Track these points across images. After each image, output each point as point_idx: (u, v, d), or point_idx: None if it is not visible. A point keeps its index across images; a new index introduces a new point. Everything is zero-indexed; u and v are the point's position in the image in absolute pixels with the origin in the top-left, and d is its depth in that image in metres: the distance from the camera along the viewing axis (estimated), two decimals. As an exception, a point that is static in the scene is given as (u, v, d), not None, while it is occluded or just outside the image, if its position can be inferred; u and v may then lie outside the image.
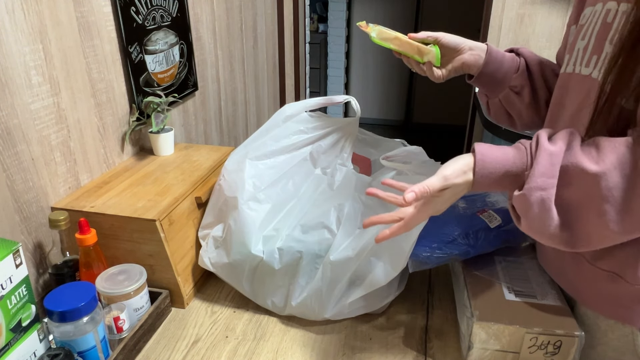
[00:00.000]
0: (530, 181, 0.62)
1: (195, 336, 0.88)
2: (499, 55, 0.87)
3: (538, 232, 0.65)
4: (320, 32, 4.51)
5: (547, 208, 0.62)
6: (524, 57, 0.88)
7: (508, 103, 0.92)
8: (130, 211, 0.91)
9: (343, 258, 0.86)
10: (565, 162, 0.62)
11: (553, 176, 0.62)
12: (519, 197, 0.64)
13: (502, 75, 0.88)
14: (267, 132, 0.99)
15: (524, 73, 0.88)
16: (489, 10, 2.40)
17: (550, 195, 0.62)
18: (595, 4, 0.71)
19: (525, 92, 0.89)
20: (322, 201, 0.93)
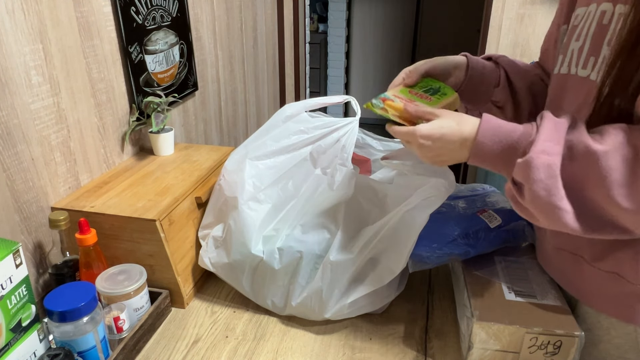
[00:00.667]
0: (536, 145, 0.60)
1: (195, 336, 0.88)
2: (479, 67, 0.85)
3: (543, 205, 0.61)
4: (320, 32, 4.51)
5: (554, 175, 0.59)
6: (504, 68, 0.87)
7: None
8: (130, 211, 0.91)
9: (343, 258, 0.86)
10: (570, 137, 0.61)
11: (558, 143, 0.60)
12: (523, 163, 0.61)
13: (484, 89, 0.86)
14: (267, 132, 0.99)
15: (505, 87, 0.86)
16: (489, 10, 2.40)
17: (556, 162, 0.60)
18: (589, 5, 0.71)
19: (508, 107, 0.88)
20: (322, 201, 0.93)
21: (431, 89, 0.81)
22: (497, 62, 0.88)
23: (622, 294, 0.70)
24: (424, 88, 0.81)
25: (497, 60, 0.88)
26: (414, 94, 0.79)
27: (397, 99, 0.76)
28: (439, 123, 0.67)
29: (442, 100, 0.78)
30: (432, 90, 0.80)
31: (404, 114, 0.73)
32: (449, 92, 0.81)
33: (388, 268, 0.83)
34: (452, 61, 0.85)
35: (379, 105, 0.75)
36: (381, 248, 0.84)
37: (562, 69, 0.75)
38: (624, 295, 0.70)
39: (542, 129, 0.62)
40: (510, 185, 0.66)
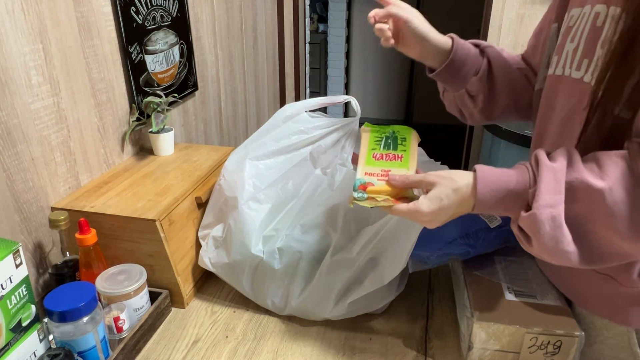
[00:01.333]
0: (538, 199, 0.60)
1: (195, 336, 0.88)
2: (463, 53, 0.83)
3: (551, 252, 0.62)
4: (320, 32, 4.51)
5: (559, 225, 0.60)
6: (489, 59, 0.85)
7: (461, 103, 0.90)
8: (130, 211, 0.91)
9: (343, 258, 0.86)
10: (570, 178, 0.60)
11: (559, 192, 0.60)
12: (528, 218, 0.61)
13: (462, 75, 0.85)
14: (267, 132, 0.99)
15: (482, 78, 0.85)
16: (489, 10, 2.40)
17: (560, 212, 0.60)
18: (584, 6, 0.70)
19: (479, 99, 0.87)
20: (322, 201, 0.93)
21: (386, 138, 0.78)
22: (483, 51, 0.86)
23: (615, 296, 0.70)
24: (378, 140, 0.77)
25: (483, 49, 0.86)
26: (379, 159, 0.75)
27: (374, 179, 0.72)
28: (436, 194, 0.66)
29: (409, 152, 0.75)
30: (389, 141, 0.77)
31: (392, 192, 0.70)
32: (405, 134, 0.78)
33: (388, 268, 0.83)
34: (435, 37, 0.81)
35: (363, 197, 0.70)
36: (381, 248, 0.84)
37: (556, 70, 0.74)
38: (617, 297, 0.70)
39: (541, 180, 0.61)
40: (516, 231, 0.66)
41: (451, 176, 0.66)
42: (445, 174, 0.67)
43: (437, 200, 0.65)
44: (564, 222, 0.60)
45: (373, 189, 0.71)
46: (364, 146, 0.77)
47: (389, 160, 0.75)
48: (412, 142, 0.77)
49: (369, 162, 0.75)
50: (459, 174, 0.67)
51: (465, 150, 2.78)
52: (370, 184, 0.71)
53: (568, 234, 0.60)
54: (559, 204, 0.60)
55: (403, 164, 0.74)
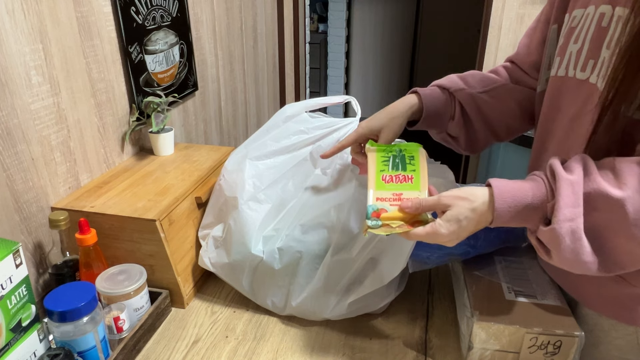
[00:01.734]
0: (558, 214, 0.60)
1: (195, 336, 0.88)
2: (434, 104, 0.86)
3: (571, 262, 0.62)
4: (320, 32, 4.51)
5: (579, 237, 0.60)
6: (461, 103, 0.87)
7: (445, 142, 0.94)
8: (130, 211, 0.91)
9: (343, 258, 0.86)
10: (588, 189, 0.60)
11: (578, 205, 0.60)
12: (548, 232, 0.61)
13: (439, 123, 0.89)
14: (267, 132, 0.99)
15: (460, 121, 0.88)
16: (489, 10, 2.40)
17: (580, 225, 0.60)
18: (587, 7, 0.70)
19: (461, 139, 0.90)
20: (322, 201, 0.93)
21: (394, 158, 0.76)
22: (453, 94, 0.87)
23: (623, 295, 0.70)
24: (385, 161, 0.75)
25: (452, 93, 0.87)
26: (389, 182, 0.73)
27: (386, 204, 0.70)
28: (454, 215, 0.65)
29: (419, 172, 0.73)
30: (397, 161, 0.75)
31: (406, 217, 0.69)
32: (413, 152, 0.77)
33: (388, 268, 0.83)
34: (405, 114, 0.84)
35: (377, 225, 0.68)
36: (381, 248, 0.84)
37: (559, 71, 0.74)
38: (624, 297, 0.70)
39: (560, 194, 0.60)
40: (534, 242, 0.65)
41: (466, 196, 0.66)
42: (461, 193, 0.66)
43: (456, 221, 0.65)
44: (584, 234, 0.60)
45: (386, 216, 0.69)
46: (372, 168, 0.75)
47: (399, 182, 0.73)
48: (420, 160, 0.75)
49: (379, 186, 0.72)
50: (474, 192, 0.66)
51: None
52: (384, 210, 0.69)
53: (588, 245, 0.60)
54: (578, 216, 0.60)
55: (414, 185, 0.72)
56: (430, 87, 0.89)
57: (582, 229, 0.60)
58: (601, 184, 0.59)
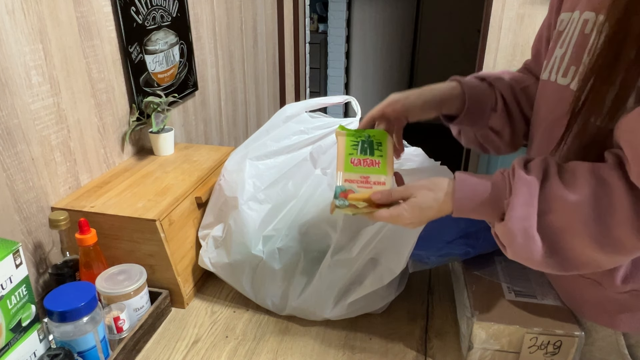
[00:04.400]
0: (512, 211, 0.62)
1: (195, 336, 0.88)
2: (475, 92, 0.81)
3: (525, 260, 0.64)
4: (320, 32, 4.51)
5: (531, 236, 0.61)
6: (501, 93, 0.83)
7: (486, 139, 0.87)
8: (130, 211, 0.91)
9: (343, 258, 0.86)
10: (544, 190, 0.61)
11: (532, 205, 0.61)
12: (502, 228, 0.63)
13: (481, 114, 0.83)
14: (267, 133, 0.99)
15: (503, 113, 0.83)
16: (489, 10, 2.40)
17: (532, 224, 0.61)
18: (573, 11, 0.69)
19: (505, 133, 0.85)
20: (322, 201, 0.93)
21: (362, 143, 0.77)
22: (492, 84, 0.84)
23: (603, 299, 0.70)
24: (354, 145, 0.77)
25: (491, 83, 0.84)
26: (357, 165, 0.75)
27: (354, 186, 0.73)
28: (418, 203, 0.68)
29: (386, 157, 0.76)
30: (365, 146, 0.77)
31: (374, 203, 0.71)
32: (381, 138, 0.78)
33: (388, 268, 0.83)
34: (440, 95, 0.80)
35: (344, 204, 0.71)
36: (381, 248, 0.84)
37: (544, 75, 0.74)
38: (604, 300, 0.70)
39: (515, 193, 0.62)
40: (495, 237, 0.67)
41: (431, 186, 0.68)
42: (427, 183, 0.69)
43: (418, 209, 0.68)
44: (536, 234, 0.61)
45: (354, 197, 0.72)
46: (342, 151, 0.77)
47: (367, 166, 0.75)
48: (387, 146, 0.78)
49: (347, 168, 0.75)
50: (438, 184, 0.68)
51: (465, 150, 2.78)
52: (351, 191, 0.73)
53: (540, 244, 0.61)
54: (531, 216, 0.61)
55: (381, 170, 0.75)
56: (468, 77, 0.84)
57: (535, 228, 0.61)
58: (558, 186, 0.60)
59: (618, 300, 0.68)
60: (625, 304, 0.68)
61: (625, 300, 0.68)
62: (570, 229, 0.60)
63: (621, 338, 0.71)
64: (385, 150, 0.77)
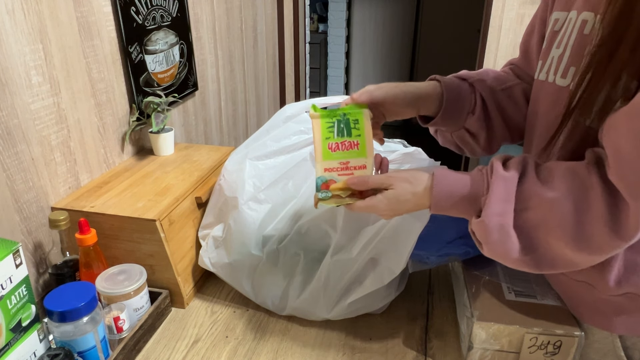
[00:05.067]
0: (488, 207, 0.62)
1: (195, 336, 0.88)
2: (454, 94, 0.80)
3: (501, 257, 0.65)
4: (320, 32, 4.51)
5: (507, 233, 0.62)
6: (482, 95, 0.81)
7: (462, 141, 0.86)
8: (130, 211, 0.91)
9: (343, 258, 0.86)
10: (521, 188, 0.62)
11: (509, 201, 0.61)
12: (478, 224, 0.63)
13: (458, 115, 0.81)
14: (267, 133, 0.99)
15: (480, 116, 0.81)
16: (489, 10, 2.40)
17: (509, 220, 0.61)
18: (569, 11, 0.69)
19: (481, 136, 0.83)
20: (322, 201, 0.93)
21: (338, 123, 0.74)
22: (473, 85, 0.82)
23: (598, 302, 0.70)
24: (330, 127, 0.73)
25: (472, 84, 0.82)
26: (335, 150, 0.72)
27: (334, 174, 0.71)
28: (395, 195, 0.68)
29: (364, 136, 0.73)
30: (342, 126, 0.74)
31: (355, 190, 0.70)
32: (357, 115, 0.74)
33: (388, 268, 0.83)
34: (418, 92, 0.78)
35: (327, 196, 0.70)
36: (381, 248, 0.84)
37: (540, 75, 0.73)
38: (599, 303, 0.70)
39: (492, 189, 0.62)
40: (472, 234, 0.67)
41: (411, 179, 0.68)
42: (406, 175, 0.68)
43: (395, 201, 0.68)
44: (512, 231, 0.61)
45: (336, 187, 0.70)
46: (318, 136, 0.73)
47: (345, 149, 0.73)
48: (365, 123, 0.74)
49: (326, 155, 0.72)
50: (418, 177, 0.68)
51: (465, 150, 2.78)
52: (332, 181, 0.71)
53: (517, 241, 0.62)
54: (508, 212, 0.61)
55: (360, 152, 0.72)
56: (449, 77, 0.83)
57: (511, 225, 0.61)
58: (535, 183, 0.61)
59: (613, 303, 0.68)
60: (621, 306, 0.68)
61: (620, 303, 0.68)
62: (546, 226, 0.60)
63: (617, 340, 0.71)
64: (362, 128, 0.73)
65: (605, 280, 0.66)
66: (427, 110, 0.81)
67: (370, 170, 0.72)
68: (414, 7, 4.36)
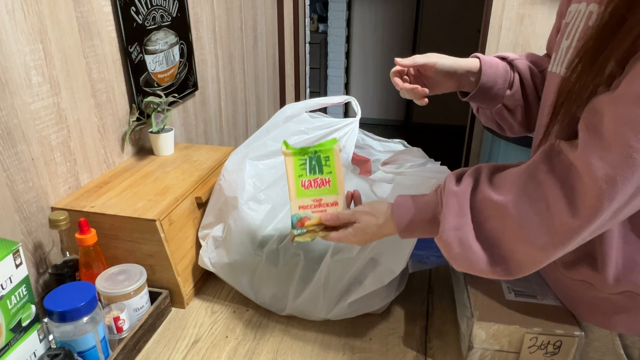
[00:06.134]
0: (444, 223, 0.64)
1: (195, 336, 0.88)
2: (492, 71, 0.83)
3: (468, 269, 0.65)
4: (320, 32, 4.51)
5: (468, 246, 0.62)
6: (519, 71, 0.84)
7: (500, 117, 0.89)
8: (130, 211, 0.91)
9: (343, 258, 0.86)
10: (475, 199, 0.63)
11: (464, 214, 0.63)
12: (438, 240, 0.66)
13: (495, 92, 0.84)
14: (267, 133, 0.99)
15: (518, 92, 0.84)
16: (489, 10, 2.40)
17: (467, 233, 0.62)
18: (580, 2, 0.69)
19: (518, 112, 0.86)
20: (322, 201, 0.93)
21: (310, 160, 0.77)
22: (512, 64, 0.85)
23: (597, 300, 0.70)
24: (302, 164, 0.77)
25: (512, 62, 0.85)
26: (308, 188, 0.77)
27: (308, 212, 0.76)
28: (361, 228, 0.73)
29: (335, 173, 0.77)
30: (313, 163, 0.78)
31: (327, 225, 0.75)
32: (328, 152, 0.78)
33: (388, 268, 0.83)
34: (463, 64, 0.83)
35: (303, 232, 0.75)
36: (381, 248, 0.84)
37: (551, 67, 0.73)
38: (598, 301, 0.70)
39: (445, 205, 0.64)
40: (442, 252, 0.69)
41: (373, 212, 0.72)
42: (369, 209, 0.73)
43: (362, 232, 0.73)
44: (475, 242, 0.62)
45: (310, 223, 0.75)
46: (291, 174, 0.77)
47: (317, 187, 0.77)
48: (335, 160, 0.78)
49: (299, 193, 0.77)
50: (379, 209, 0.72)
51: (465, 150, 2.78)
52: (307, 218, 0.75)
53: (482, 253, 0.62)
54: (465, 225, 0.63)
55: (332, 189, 0.77)
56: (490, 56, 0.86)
57: (472, 238, 0.62)
58: (486, 192, 0.62)
59: (612, 302, 0.68)
60: (620, 305, 0.68)
61: (619, 301, 0.68)
62: (509, 231, 0.60)
63: (617, 338, 0.71)
64: (333, 165, 0.78)
65: (604, 278, 0.67)
66: (467, 84, 0.84)
67: (342, 206, 0.77)
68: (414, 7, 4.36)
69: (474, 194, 0.63)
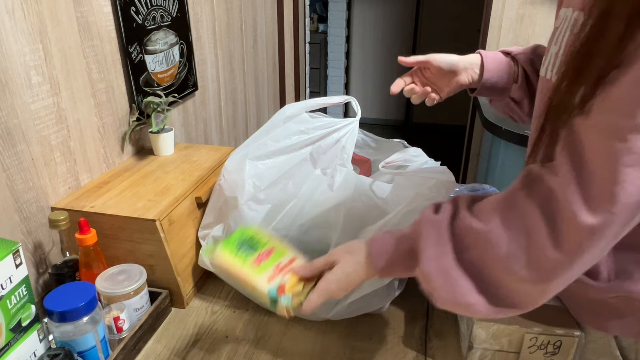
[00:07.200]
0: (423, 253, 0.60)
1: (195, 336, 0.88)
2: (495, 66, 0.85)
3: (452, 304, 0.60)
4: (320, 32, 4.51)
5: (450, 276, 0.58)
6: (522, 65, 0.86)
7: (509, 109, 0.91)
8: (130, 211, 0.91)
9: (343, 258, 0.86)
10: (455, 227, 0.59)
11: (443, 244, 0.59)
12: (418, 273, 0.61)
13: (502, 86, 0.87)
14: (267, 133, 0.99)
15: (523, 85, 0.86)
16: (489, 10, 2.40)
17: (449, 262, 0.58)
18: (568, 8, 0.68)
19: (524, 103, 0.88)
20: (322, 201, 0.93)
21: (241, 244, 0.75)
22: (515, 58, 0.87)
23: (593, 303, 0.70)
24: (239, 250, 0.73)
25: (514, 57, 0.87)
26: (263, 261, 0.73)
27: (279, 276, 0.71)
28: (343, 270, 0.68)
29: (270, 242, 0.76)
30: (246, 245, 0.75)
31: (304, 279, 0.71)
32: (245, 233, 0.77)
33: (388, 268, 0.83)
34: (463, 60, 0.85)
35: (289, 299, 0.69)
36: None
37: (541, 71, 0.73)
38: (593, 304, 0.70)
39: (423, 235, 0.61)
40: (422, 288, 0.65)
41: (349, 250, 0.69)
42: (344, 248, 0.70)
43: (343, 273, 0.68)
44: (459, 271, 0.58)
45: (290, 284, 0.70)
46: (236, 264, 0.72)
47: (267, 257, 0.74)
48: (259, 232, 0.77)
49: (258, 271, 0.71)
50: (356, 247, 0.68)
51: (465, 150, 2.78)
52: (283, 284, 0.70)
53: (467, 283, 0.58)
54: (446, 255, 0.59)
55: (280, 252, 0.75)
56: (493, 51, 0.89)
57: (455, 267, 0.58)
58: (467, 220, 0.59)
59: (608, 305, 0.68)
60: (615, 308, 0.68)
61: (615, 305, 0.68)
62: (490, 261, 0.57)
63: (613, 341, 0.71)
64: (261, 237, 0.76)
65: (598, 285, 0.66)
66: (473, 78, 0.86)
67: (302, 259, 0.74)
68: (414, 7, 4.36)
69: (453, 223, 0.60)
